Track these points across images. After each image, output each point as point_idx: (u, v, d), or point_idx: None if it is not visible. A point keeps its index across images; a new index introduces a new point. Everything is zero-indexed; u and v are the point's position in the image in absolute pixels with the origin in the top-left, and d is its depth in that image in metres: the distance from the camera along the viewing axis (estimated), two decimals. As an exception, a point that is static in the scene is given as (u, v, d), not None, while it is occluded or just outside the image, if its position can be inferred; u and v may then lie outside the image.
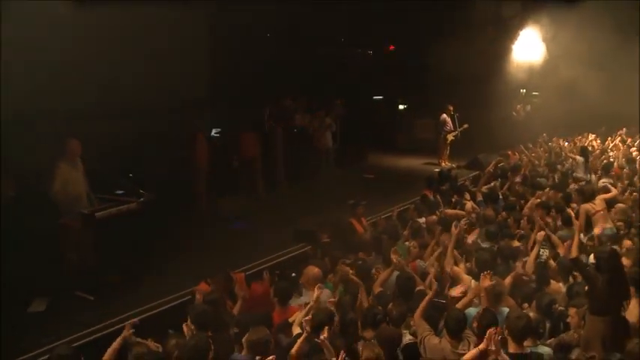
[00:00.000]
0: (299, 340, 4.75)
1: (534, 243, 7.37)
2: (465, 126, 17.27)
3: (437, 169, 15.52)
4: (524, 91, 22.43)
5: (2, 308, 6.64)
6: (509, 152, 16.14)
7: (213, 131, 14.57)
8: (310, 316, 4.96)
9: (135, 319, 5.54)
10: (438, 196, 10.64)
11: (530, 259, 6.91)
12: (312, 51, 18.25)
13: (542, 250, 7.16)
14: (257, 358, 4.62)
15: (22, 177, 8.77)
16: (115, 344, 4.89)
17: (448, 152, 17.71)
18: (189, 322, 5.25)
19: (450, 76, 16.86)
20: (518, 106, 20.63)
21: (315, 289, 5.69)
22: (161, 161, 11.51)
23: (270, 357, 4.42)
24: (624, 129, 18.51)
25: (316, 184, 14.20)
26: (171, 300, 7.34)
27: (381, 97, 21.98)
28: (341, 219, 9.45)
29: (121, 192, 8.37)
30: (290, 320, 5.53)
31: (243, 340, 4.79)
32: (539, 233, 7.52)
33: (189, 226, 9.94)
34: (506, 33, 20.18)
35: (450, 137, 17.40)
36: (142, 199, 8.02)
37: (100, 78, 10.47)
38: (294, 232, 9.60)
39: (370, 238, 8.39)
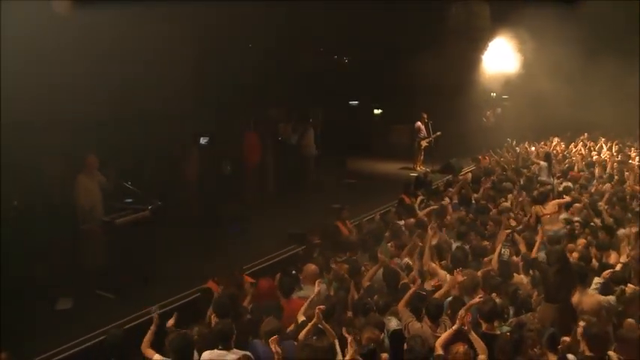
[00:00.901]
0: (309, 326, 5.69)
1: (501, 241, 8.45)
2: (438, 133, 18.20)
3: (413, 174, 16.58)
4: (495, 94, 23.60)
5: (33, 306, 7.49)
6: (480, 157, 17.29)
7: (202, 140, 15.34)
8: (323, 307, 5.86)
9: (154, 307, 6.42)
10: (415, 200, 11.70)
11: (495, 256, 7.97)
12: (291, 60, 18.98)
13: (503, 249, 8.19)
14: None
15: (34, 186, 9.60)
16: (149, 333, 5.76)
17: (422, 157, 18.63)
18: (210, 312, 6.20)
19: (424, 84, 17.86)
20: (488, 112, 21.72)
21: (317, 283, 6.65)
22: (157, 169, 12.33)
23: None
24: (586, 134, 19.83)
25: (302, 190, 15.00)
26: (183, 297, 8.22)
27: (356, 102, 22.85)
28: (328, 222, 10.42)
29: (129, 200, 9.18)
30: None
31: (261, 330, 5.68)
32: (501, 232, 8.61)
33: (191, 230, 10.80)
34: (477, 44, 21.26)
35: (424, 143, 18.33)
36: (151, 207, 8.88)
37: (89, 89, 10.79)
38: (288, 235, 10.54)
39: (356, 239, 9.35)
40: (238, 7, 13.69)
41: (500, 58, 21.23)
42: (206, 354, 5.31)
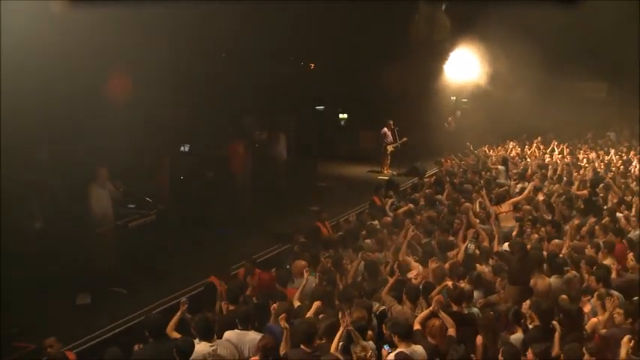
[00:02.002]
0: (314, 307, 6.83)
1: (465, 237, 9.68)
2: (404, 139, 19.32)
3: (381, 177, 17.82)
4: (455, 98, 25.03)
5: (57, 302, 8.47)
6: (443, 160, 18.60)
7: (182, 147, 16.17)
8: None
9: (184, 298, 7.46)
10: (386, 201, 12.90)
11: (462, 250, 9.19)
12: (262, 68, 19.85)
13: (469, 244, 9.41)
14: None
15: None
16: (175, 318, 6.76)
17: (389, 161, 19.83)
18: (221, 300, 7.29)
19: (390, 92, 19.08)
20: (450, 118, 23.07)
21: (305, 272, 7.79)
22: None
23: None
24: (539, 137, 21.37)
25: (277, 194, 15.94)
26: (188, 291, 9.21)
27: (321, 107, 23.60)
28: (309, 223, 11.55)
29: (132, 206, 10.16)
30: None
31: (274, 311, 6.75)
32: (469, 230, 9.86)
33: (188, 232, 11.81)
34: (439, 53, 22.64)
35: (391, 148, 19.48)
36: (156, 211, 9.88)
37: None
38: (274, 235, 11.62)
39: (337, 237, 10.50)
40: (213, 17, 14.61)
41: (461, 66, 22.67)
42: (228, 333, 6.33)
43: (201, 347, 5.97)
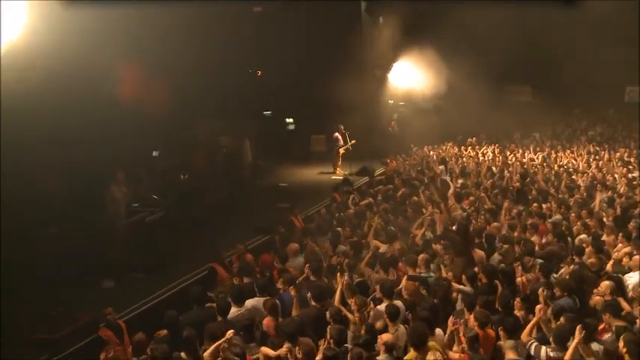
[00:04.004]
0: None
1: (421, 224, 11.76)
2: (354, 142, 21.19)
3: (335, 177, 19.84)
4: (392, 101, 27.22)
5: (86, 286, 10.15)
6: (388, 161, 20.78)
7: (154, 152, 17.66)
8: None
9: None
10: (346, 197, 14.89)
11: (420, 234, 11.27)
12: (224, 78, 21.40)
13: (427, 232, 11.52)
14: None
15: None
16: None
17: (341, 163, 21.75)
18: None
19: (340, 98, 20.97)
20: (392, 122, 25.28)
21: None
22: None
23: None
24: (474, 138, 23.86)
25: (243, 194, 17.69)
26: (194, 275, 10.98)
27: (269, 112, 25.05)
28: (282, 217, 13.46)
29: (136, 205, 11.81)
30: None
31: (282, 279, 8.61)
32: (424, 218, 11.95)
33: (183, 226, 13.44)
34: (384, 63, 24.87)
35: (342, 151, 21.26)
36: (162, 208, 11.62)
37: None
38: (255, 228, 13.39)
39: (313, 227, 12.44)
40: (180, 30, 15.94)
41: (402, 75, 24.98)
42: (250, 301, 8.10)
43: (233, 310, 7.80)
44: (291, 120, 25.11)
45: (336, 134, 21.30)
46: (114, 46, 13.49)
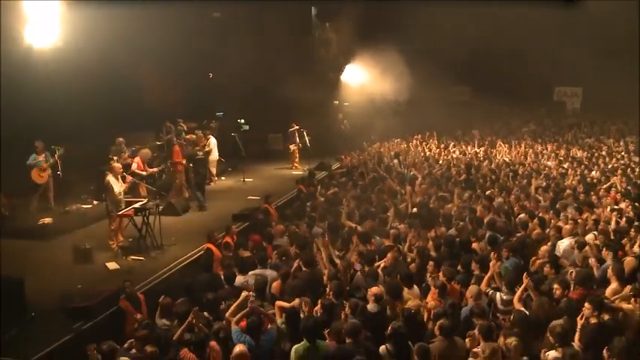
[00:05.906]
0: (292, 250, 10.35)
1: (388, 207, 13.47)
2: (309, 138, 22.54)
3: (295, 172, 21.42)
4: (338, 102, 28.80)
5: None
6: (342, 157, 22.47)
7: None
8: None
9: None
10: (312, 189, 16.48)
11: (391, 213, 12.95)
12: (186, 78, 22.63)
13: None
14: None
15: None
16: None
17: (298, 158, 23.19)
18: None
19: (294, 99, 22.43)
20: (345, 120, 26.99)
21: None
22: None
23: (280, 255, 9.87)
24: (420, 135, 25.80)
25: (212, 188, 19.09)
26: (191, 256, 12.35)
27: (221, 113, 26.21)
28: (255, 206, 15.01)
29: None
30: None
31: (276, 254, 10.16)
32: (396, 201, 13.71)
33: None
34: (336, 66, 26.55)
35: (294, 147, 22.59)
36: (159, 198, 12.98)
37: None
38: (234, 216, 14.79)
39: (291, 212, 14.02)
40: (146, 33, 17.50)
41: (352, 76, 26.76)
42: (252, 272, 9.61)
43: (239, 278, 9.30)
44: (242, 121, 26.27)
45: (290, 131, 22.69)
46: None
